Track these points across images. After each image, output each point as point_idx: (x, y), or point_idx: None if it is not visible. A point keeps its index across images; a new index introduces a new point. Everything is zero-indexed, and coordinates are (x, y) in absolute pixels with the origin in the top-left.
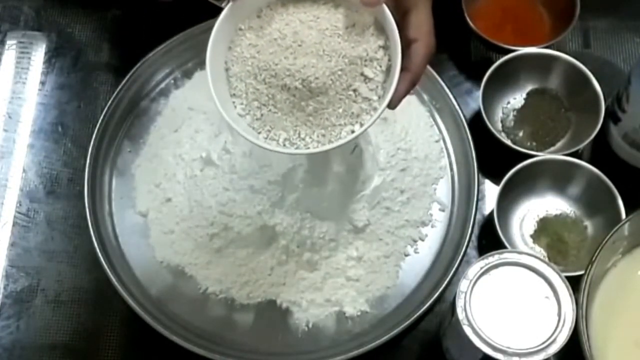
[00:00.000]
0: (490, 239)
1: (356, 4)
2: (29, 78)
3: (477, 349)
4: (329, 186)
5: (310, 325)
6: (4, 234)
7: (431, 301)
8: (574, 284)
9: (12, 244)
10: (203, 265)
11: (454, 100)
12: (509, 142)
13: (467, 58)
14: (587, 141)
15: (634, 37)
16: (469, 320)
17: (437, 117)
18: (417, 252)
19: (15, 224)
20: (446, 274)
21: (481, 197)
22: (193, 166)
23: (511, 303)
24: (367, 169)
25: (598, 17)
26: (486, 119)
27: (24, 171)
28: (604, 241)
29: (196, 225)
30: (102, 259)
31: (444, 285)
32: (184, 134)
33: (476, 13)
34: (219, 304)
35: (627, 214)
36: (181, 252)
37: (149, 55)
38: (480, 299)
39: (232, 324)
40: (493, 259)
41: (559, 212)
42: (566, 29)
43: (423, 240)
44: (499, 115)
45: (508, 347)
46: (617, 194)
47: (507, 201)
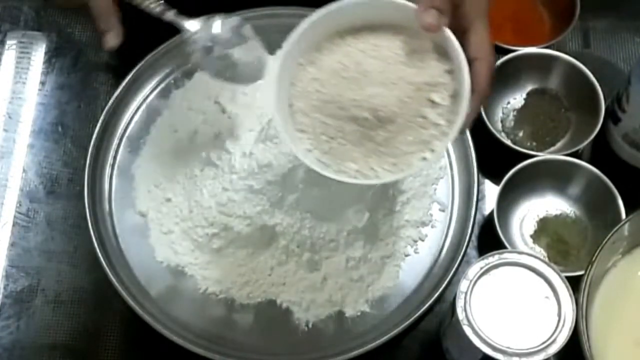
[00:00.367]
0: (490, 239)
1: (416, 30)
2: (29, 78)
3: (477, 349)
4: (329, 187)
5: (310, 325)
6: (4, 234)
7: (431, 301)
8: (574, 284)
9: (12, 244)
10: (203, 265)
11: None
12: (509, 142)
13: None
14: (587, 141)
15: (634, 37)
16: (469, 320)
17: None
18: (417, 252)
19: (15, 224)
20: (446, 274)
21: (481, 197)
22: (193, 166)
23: (511, 303)
24: None
25: (598, 17)
26: (486, 119)
27: (24, 171)
28: (604, 241)
29: (196, 225)
30: (102, 259)
31: (444, 285)
32: (184, 134)
33: None
34: (219, 304)
35: (627, 214)
36: (181, 252)
37: (149, 55)
38: (480, 299)
39: (232, 324)
40: (493, 259)
41: (559, 212)
42: (566, 29)
43: (423, 240)
44: (499, 115)
45: (508, 347)
46: (617, 194)
47: (507, 201)
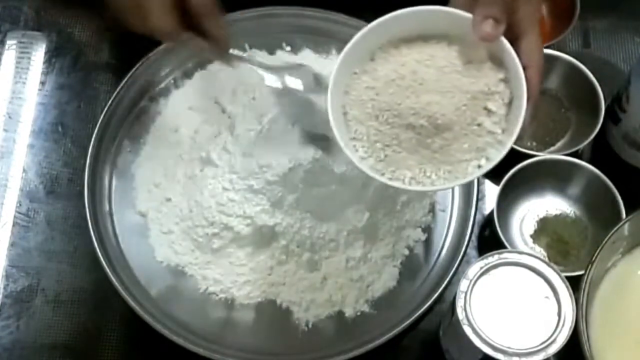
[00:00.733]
0: (490, 239)
1: (470, 39)
2: (29, 78)
3: (477, 349)
4: (329, 187)
5: (310, 325)
6: (4, 234)
7: (431, 301)
8: (574, 284)
9: (12, 244)
10: (203, 265)
11: None
12: None
13: None
14: (587, 141)
15: (634, 37)
16: (469, 320)
17: None
18: (417, 252)
19: (15, 224)
20: (446, 274)
21: (481, 197)
22: (193, 166)
23: (511, 303)
24: None
25: (598, 17)
26: None
27: (24, 171)
28: (604, 241)
29: (196, 225)
30: (102, 259)
31: (444, 285)
32: (183, 134)
33: None
34: (219, 304)
35: (627, 214)
36: (181, 252)
37: (149, 55)
38: (480, 299)
39: (232, 324)
40: (493, 259)
41: (559, 212)
42: (566, 29)
43: (423, 240)
44: None
45: (508, 347)
46: (617, 194)
47: (507, 201)
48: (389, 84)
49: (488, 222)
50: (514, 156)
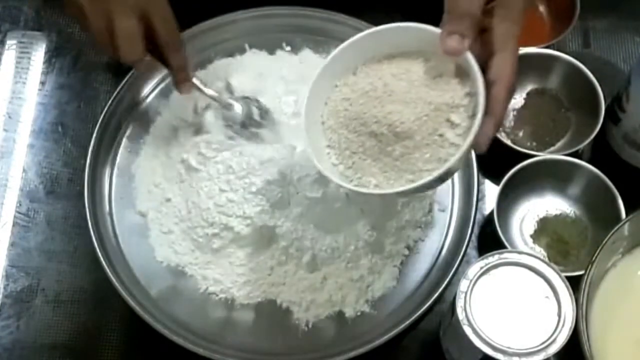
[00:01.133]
0: (490, 239)
1: (443, 55)
2: (29, 78)
3: (477, 349)
4: (334, 204)
5: (310, 325)
6: (4, 234)
7: (431, 301)
8: (574, 284)
9: (12, 244)
10: (203, 265)
11: None
12: (509, 142)
13: None
14: (587, 141)
15: (634, 37)
16: (469, 320)
17: None
18: (417, 252)
19: (15, 224)
20: (446, 274)
21: (481, 197)
22: (191, 166)
23: (511, 303)
24: None
25: (598, 17)
26: None
27: (24, 171)
28: (604, 241)
29: (196, 225)
30: (102, 259)
31: (444, 285)
32: (183, 134)
33: None
34: (219, 304)
35: (627, 214)
36: (181, 252)
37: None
38: (480, 299)
39: (232, 324)
40: (493, 259)
41: (559, 212)
42: (566, 29)
43: (423, 240)
44: None
45: (508, 347)
46: (617, 194)
47: (507, 201)
48: (362, 95)
49: (488, 222)
50: (514, 156)
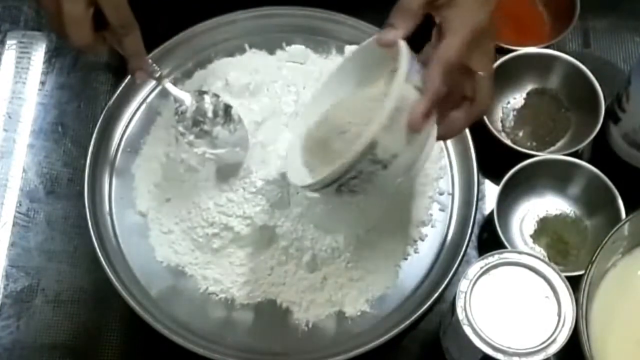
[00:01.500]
0: (490, 239)
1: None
2: (29, 78)
3: (477, 349)
4: (335, 203)
5: (310, 325)
6: (4, 234)
7: (431, 301)
8: (574, 284)
9: (12, 244)
10: (203, 265)
11: None
12: (509, 142)
13: None
14: (587, 141)
15: (634, 37)
16: (469, 320)
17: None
18: (417, 252)
19: (15, 224)
20: (446, 274)
21: (481, 197)
22: (191, 166)
23: (511, 303)
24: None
25: (598, 17)
26: (486, 119)
27: (24, 171)
28: (604, 241)
29: (196, 225)
30: (102, 259)
31: (444, 285)
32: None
33: None
34: (219, 304)
35: (627, 214)
36: (181, 252)
37: (149, 55)
38: (480, 299)
39: (232, 324)
40: (493, 259)
41: (559, 212)
42: (566, 29)
43: (423, 240)
44: (499, 115)
45: (508, 347)
46: (617, 194)
47: (507, 201)
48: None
49: (488, 222)
50: (514, 156)
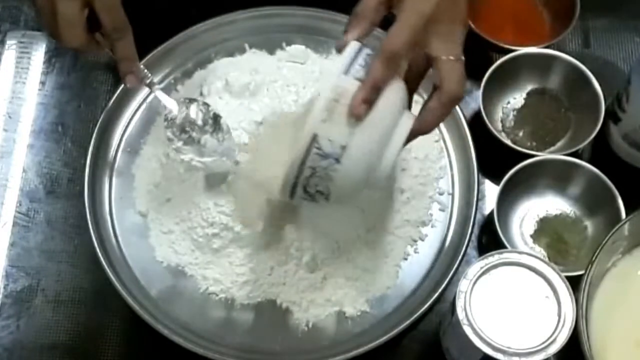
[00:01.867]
0: (490, 239)
1: None
2: (29, 78)
3: (477, 349)
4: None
5: (310, 325)
6: (4, 234)
7: (431, 301)
8: (574, 284)
9: (12, 244)
10: (203, 265)
11: None
12: (509, 142)
13: (467, 58)
14: (587, 141)
15: (634, 37)
16: (469, 320)
17: None
18: (417, 252)
19: (15, 224)
20: (446, 274)
21: (481, 197)
22: (191, 166)
23: (511, 303)
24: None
25: (598, 17)
26: (486, 119)
27: (24, 171)
28: (604, 241)
29: (196, 225)
30: (102, 259)
31: (444, 285)
32: None
33: (476, 13)
34: (219, 304)
35: (627, 214)
36: (181, 252)
37: (149, 55)
38: (480, 299)
39: (232, 324)
40: (493, 259)
41: (559, 212)
42: (566, 29)
43: (423, 240)
44: (499, 115)
45: (508, 347)
46: (617, 194)
47: (507, 201)
48: None
49: (488, 222)
50: (514, 156)
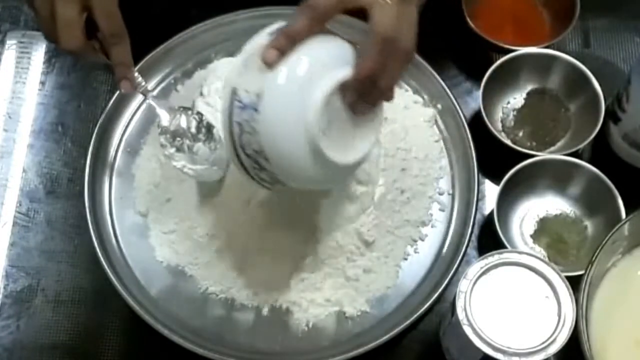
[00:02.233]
0: (490, 239)
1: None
2: (29, 78)
3: (477, 349)
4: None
5: (310, 325)
6: (4, 234)
7: (431, 301)
8: (574, 284)
9: (12, 244)
10: (203, 265)
11: (454, 100)
12: (509, 142)
13: (467, 58)
14: (587, 141)
15: (634, 37)
16: (469, 320)
17: (437, 117)
18: (417, 252)
19: (15, 224)
20: (446, 274)
21: (481, 197)
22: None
23: (511, 303)
24: (372, 176)
25: (598, 17)
26: (486, 119)
27: (24, 171)
28: (604, 241)
29: (196, 225)
30: (102, 259)
31: (444, 285)
32: None
33: (476, 13)
34: (219, 304)
35: (627, 214)
36: (181, 252)
37: (149, 56)
38: (480, 299)
39: (232, 324)
40: (493, 259)
41: (559, 212)
42: (566, 29)
43: (423, 240)
44: (499, 115)
45: (508, 347)
46: (617, 194)
47: (507, 201)
48: None
49: (488, 222)
50: (514, 156)
